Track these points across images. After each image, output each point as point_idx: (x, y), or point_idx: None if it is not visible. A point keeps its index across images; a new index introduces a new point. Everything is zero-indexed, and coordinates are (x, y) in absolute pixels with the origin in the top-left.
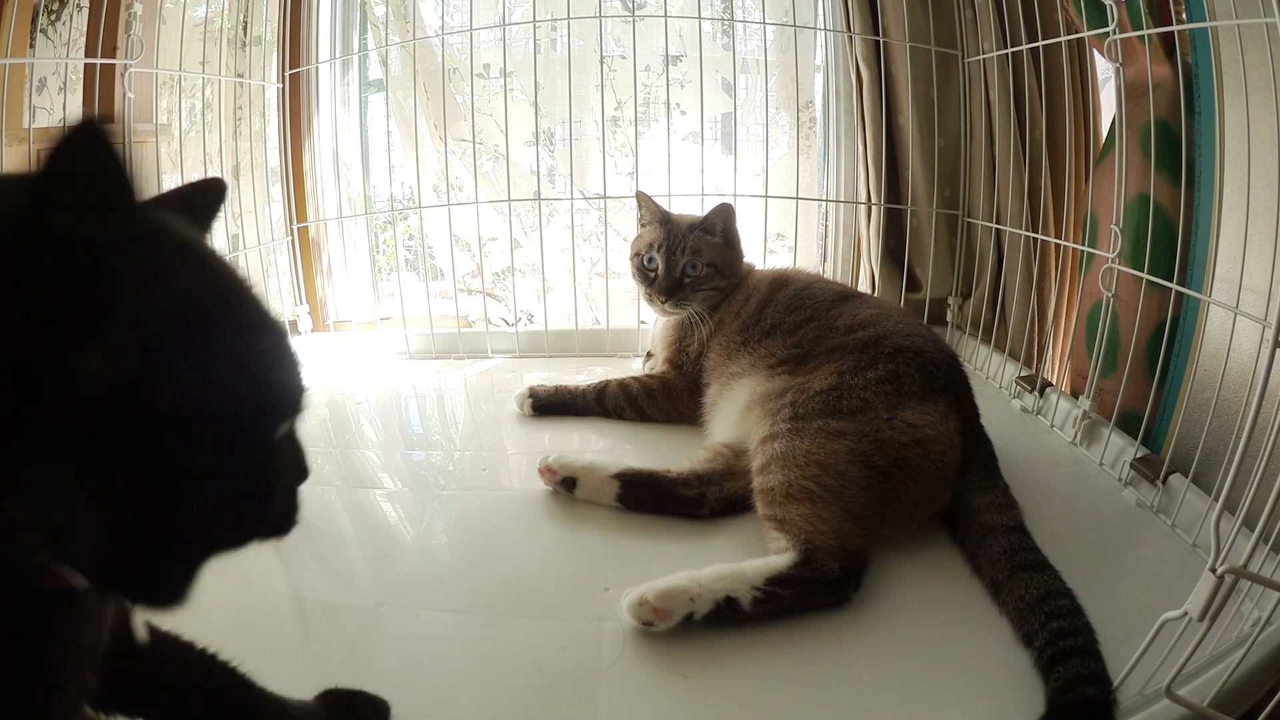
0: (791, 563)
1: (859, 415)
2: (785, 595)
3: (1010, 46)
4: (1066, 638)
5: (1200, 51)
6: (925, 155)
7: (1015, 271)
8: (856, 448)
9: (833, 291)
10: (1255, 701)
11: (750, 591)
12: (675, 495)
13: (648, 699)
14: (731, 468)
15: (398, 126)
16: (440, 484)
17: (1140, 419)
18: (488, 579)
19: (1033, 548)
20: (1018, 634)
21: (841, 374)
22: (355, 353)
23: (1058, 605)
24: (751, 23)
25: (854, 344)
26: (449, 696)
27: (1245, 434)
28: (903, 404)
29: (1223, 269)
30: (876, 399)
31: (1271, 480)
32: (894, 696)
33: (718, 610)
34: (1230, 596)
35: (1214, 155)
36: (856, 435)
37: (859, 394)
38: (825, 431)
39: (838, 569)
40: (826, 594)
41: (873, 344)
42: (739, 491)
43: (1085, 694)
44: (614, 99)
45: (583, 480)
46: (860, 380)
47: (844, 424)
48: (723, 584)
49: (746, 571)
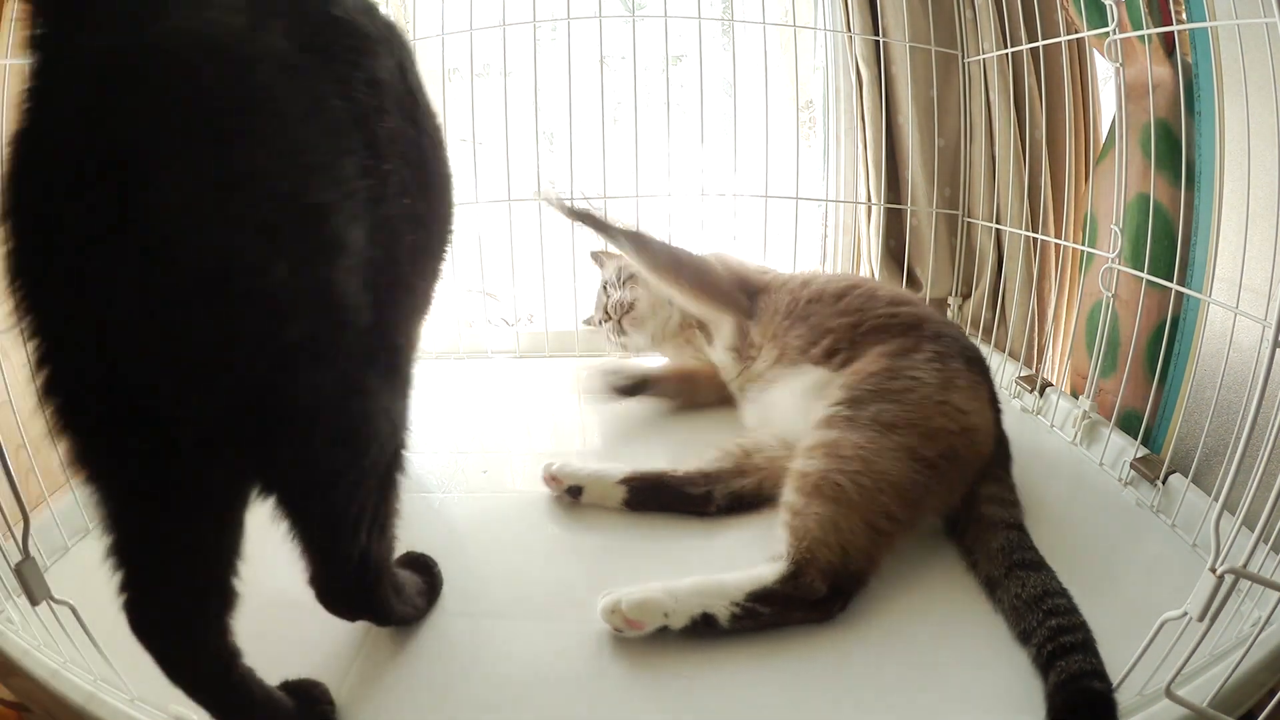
0: (778, 577)
1: (910, 395)
2: (765, 611)
3: (1010, 46)
4: (1066, 634)
5: (1200, 51)
6: (925, 155)
7: (1015, 271)
8: (906, 442)
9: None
10: (1255, 701)
11: (729, 608)
12: (682, 494)
13: (647, 699)
14: (741, 466)
15: None
16: (442, 486)
17: (1140, 419)
18: (488, 580)
19: (1031, 547)
20: (1014, 631)
21: (890, 356)
22: None
23: (1055, 604)
24: (751, 23)
25: (898, 323)
26: (449, 697)
27: (1245, 434)
28: (952, 385)
29: (1223, 269)
30: (927, 376)
31: (1271, 480)
32: (892, 696)
33: (693, 625)
34: (1230, 596)
35: (1214, 155)
36: (908, 428)
37: (909, 374)
38: (879, 423)
39: (825, 589)
40: (809, 611)
41: (916, 325)
42: (747, 489)
43: (1091, 687)
44: (614, 99)
45: (589, 488)
46: (908, 362)
47: (897, 411)
48: (699, 600)
49: (728, 586)
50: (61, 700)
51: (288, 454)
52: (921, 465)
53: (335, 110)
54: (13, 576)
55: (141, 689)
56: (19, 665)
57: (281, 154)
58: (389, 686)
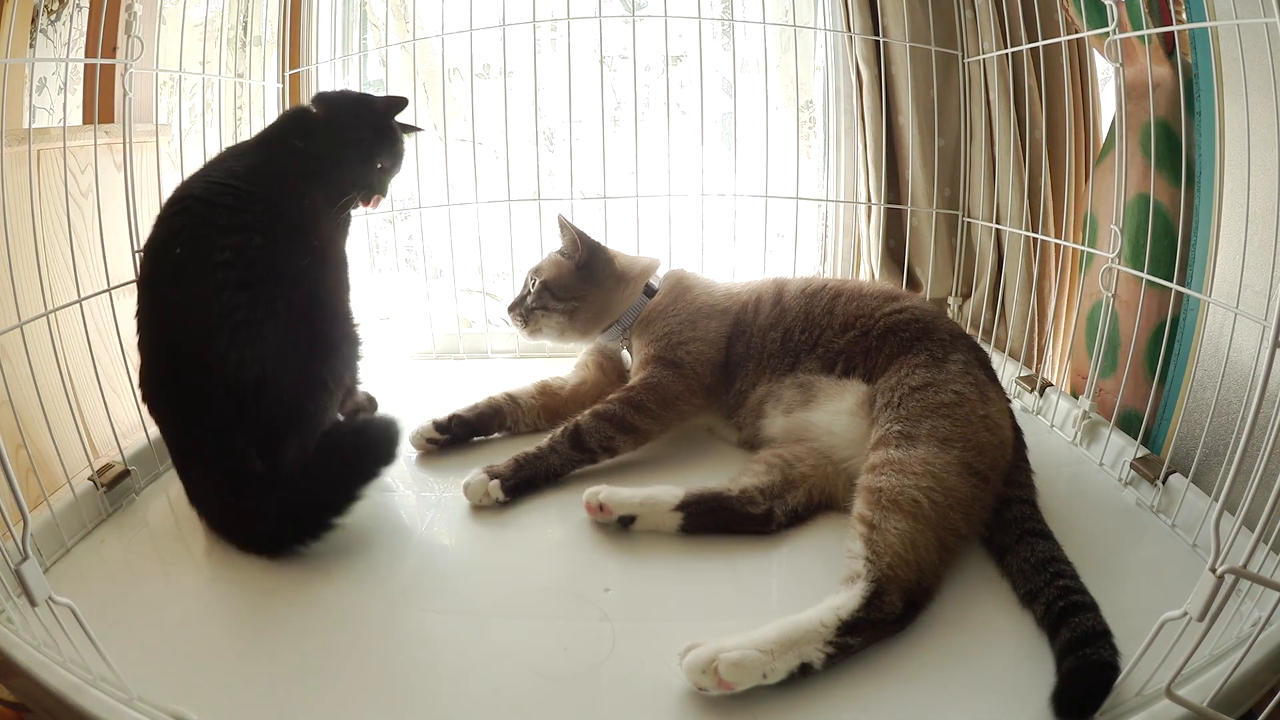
0: (862, 602)
1: (959, 410)
2: (855, 643)
3: (1010, 46)
4: (1074, 595)
5: (1200, 51)
6: (925, 155)
7: (1015, 271)
8: (964, 457)
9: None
10: (1255, 701)
11: (822, 650)
12: (743, 515)
13: (648, 699)
14: (788, 478)
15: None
16: (442, 486)
17: (1140, 419)
18: (489, 580)
19: (1041, 520)
20: (1019, 593)
21: (925, 367)
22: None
23: (1062, 569)
24: (751, 22)
25: (907, 325)
26: (449, 697)
27: (1245, 434)
28: (986, 396)
29: (1223, 269)
30: (968, 391)
31: (1271, 480)
32: (892, 695)
33: (790, 678)
34: (1230, 596)
35: (1214, 155)
36: (962, 442)
37: (951, 388)
38: (936, 437)
39: (901, 606)
40: (889, 631)
41: (929, 328)
42: (801, 502)
43: (1101, 656)
44: (614, 99)
45: (643, 516)
46: (945, 375)
47: (950, 428)
48: (795, 652)
49: (814, 625)
50: (62, 700)
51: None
52: (978, 480)
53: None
54: (13, 576)
55: (141, 689)
56: (19, 665)
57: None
58: (390, 686)
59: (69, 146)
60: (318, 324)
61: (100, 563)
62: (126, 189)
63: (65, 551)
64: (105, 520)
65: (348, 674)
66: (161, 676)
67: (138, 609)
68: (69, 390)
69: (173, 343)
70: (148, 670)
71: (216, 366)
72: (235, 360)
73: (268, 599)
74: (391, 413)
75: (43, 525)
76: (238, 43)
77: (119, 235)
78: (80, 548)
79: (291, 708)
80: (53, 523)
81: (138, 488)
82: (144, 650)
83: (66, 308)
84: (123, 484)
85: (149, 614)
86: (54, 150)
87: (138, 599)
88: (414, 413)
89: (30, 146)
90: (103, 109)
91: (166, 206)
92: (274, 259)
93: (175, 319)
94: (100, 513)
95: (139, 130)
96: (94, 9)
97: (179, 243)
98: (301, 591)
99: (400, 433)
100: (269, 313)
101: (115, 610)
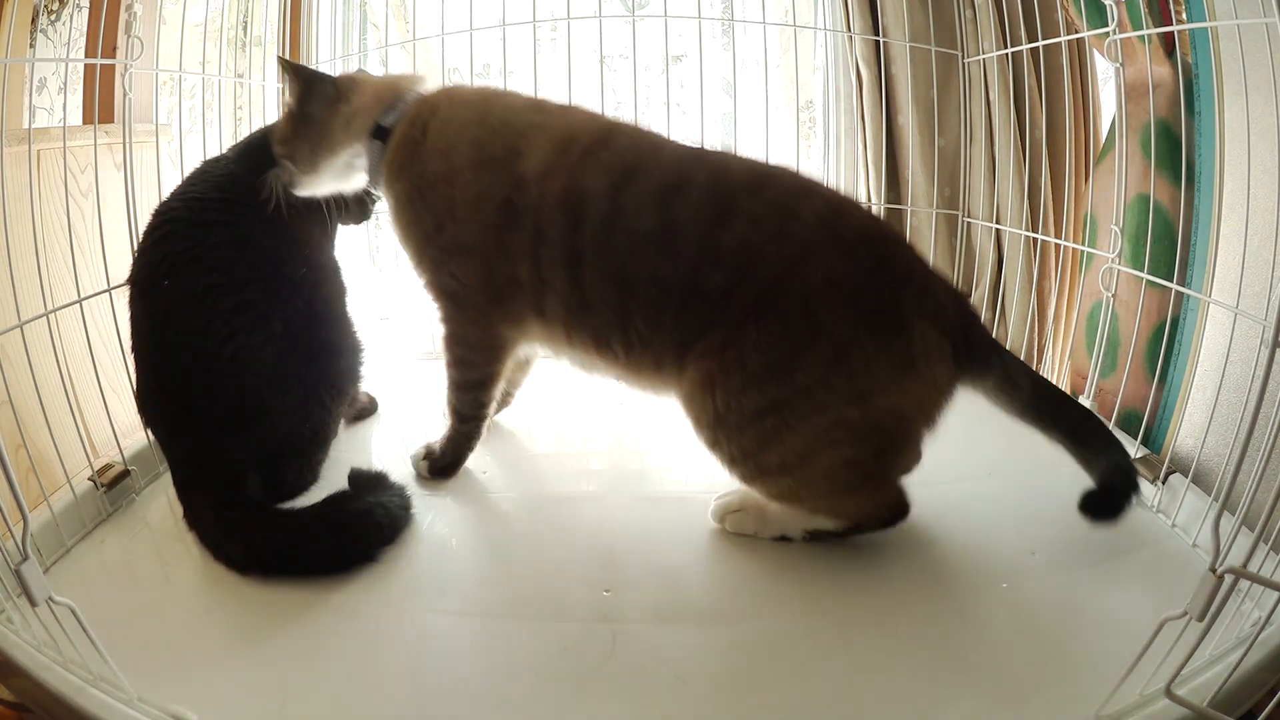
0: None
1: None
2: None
3: (1010, 46)
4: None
5: (1200, 51)
6: (925, 155)
7: (1015, 271)
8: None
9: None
10: (1255, 701)
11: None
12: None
13: (648, 699)
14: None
15: None
16: (442, 487)
17: (1140, 419)
18: (489, 581)
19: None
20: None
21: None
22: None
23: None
24: (751, 22)
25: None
26: (450, 697)
27: (1245, 434)
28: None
29: (1223, 269)
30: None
31: (1271, 480)
32: (890, 696)
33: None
34: (1230, 596)
35: (1214, 155)
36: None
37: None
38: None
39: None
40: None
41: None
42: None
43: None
44: (614, 99)
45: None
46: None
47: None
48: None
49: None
50: (62, 701)
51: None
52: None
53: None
54: (13, 577)
55: (142, 689)
56: (19, 665)
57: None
58: (389, 686)
59: (69, 146)
60: (317, 336)
61: (100, 563)
62: (126, 189)
63: (65, 552)
64: (105, 520)
65: (348, 674)
66: (161, 676)
67: (138, 609)
68: (69, 390)
69: (170, 372)
70: (148, 670)
71: (217, 394)
72: (235, 389)
73: (268, 599)
74: (406, 495)
75: (43, 525)
76: (238, 43)
77: (119, 235)
78: (80, 548)
79: (292, 708)
80: (53, 523)
81: (138, 488)
82: (144, 650)
83: (66, 308)
84: (123, 484)
85: (149, 614)
86: (54, 150)
87: (138, 599)
88: (414, 413)
89: (30, 146)
90: (103, 109)
91: (147, 235)
92: (267, 274)
93: (171, 352)
94: (100, 513)
95: (139, 130)
96: (94, 9)
97: (166, 274)
98: (301, 592)
99: (410, 522)
100: (267, 336)
101: (115, 610)
